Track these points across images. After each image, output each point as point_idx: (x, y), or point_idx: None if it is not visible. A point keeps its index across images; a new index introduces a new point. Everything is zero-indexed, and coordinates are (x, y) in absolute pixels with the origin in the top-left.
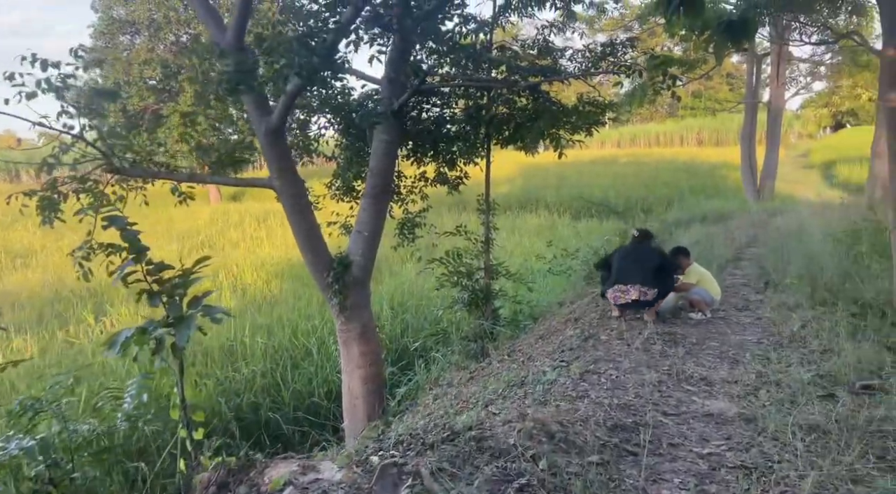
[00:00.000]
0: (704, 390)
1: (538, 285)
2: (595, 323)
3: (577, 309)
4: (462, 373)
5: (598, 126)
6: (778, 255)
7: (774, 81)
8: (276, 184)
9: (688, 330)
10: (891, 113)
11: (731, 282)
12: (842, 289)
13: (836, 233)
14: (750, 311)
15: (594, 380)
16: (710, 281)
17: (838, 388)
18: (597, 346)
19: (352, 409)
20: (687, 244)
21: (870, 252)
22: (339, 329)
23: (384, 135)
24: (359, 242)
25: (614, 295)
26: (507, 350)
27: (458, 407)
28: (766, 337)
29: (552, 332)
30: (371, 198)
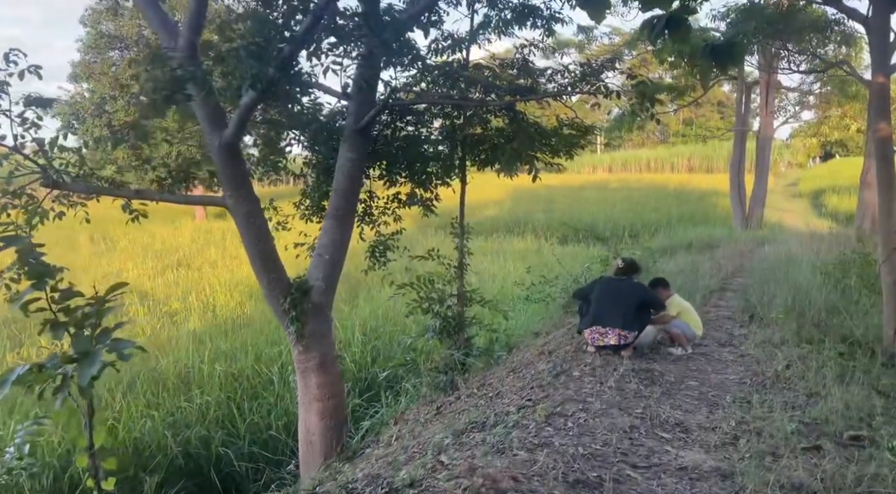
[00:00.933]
0: (679, 438)
1: (515, 313)
2: (569, 358)
3: (552, 340)
4: (429, 408)
5: (578, 149)
6: (764, 287)
7: (763, 110)
8: (230, 202)
9: (666, 366)
10: (880, 142)
11: (714, 315)
12: (830, 325)
13: (825, 264)
14: (733, 347)
15: (560, 424)
16: (691, 314)
17: (825, 439)
18: (568, 384)
19: (308, 446)
20: (671, 272)
21: (858, 285)
22: (296, 358)
23: (350, 153)
24: (319, 266)
25: (592, 337)
26: (477, 383)
27: (412, 451)
28: (749, 377)
29: (525, 365)
30: (334, 219)
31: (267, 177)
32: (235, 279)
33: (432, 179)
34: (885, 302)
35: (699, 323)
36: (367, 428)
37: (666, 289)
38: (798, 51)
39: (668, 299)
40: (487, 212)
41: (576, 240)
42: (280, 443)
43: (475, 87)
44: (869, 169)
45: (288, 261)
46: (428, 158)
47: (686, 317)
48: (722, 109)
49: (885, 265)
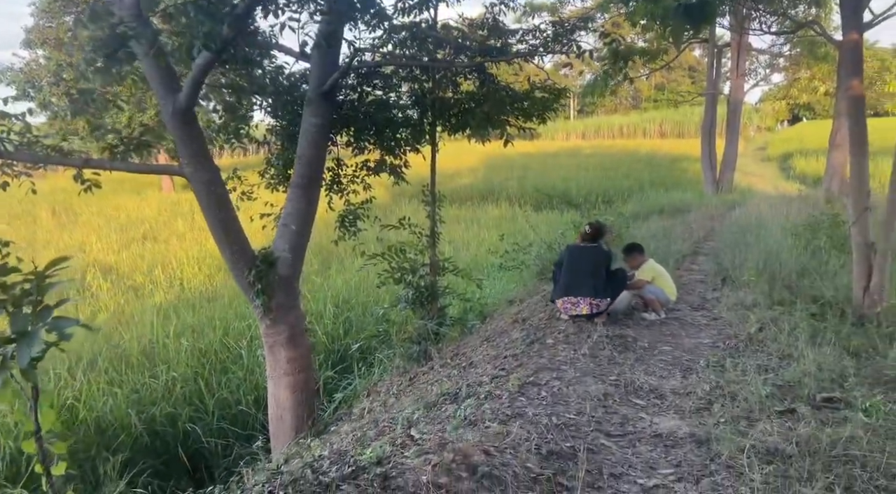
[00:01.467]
0: (654, 404)
1: (489, 281)
2: (542, 325)
3: (526, 308)
4: (402, 379)
5: (551, 112)
6: (736, 250)
7: (734, 72)
8: (188, 170)
9: (640, 332)
10: (853, 101)
11: (687, 279)
12: (800, 287)
13: (795, 226)
14: (706, 310)
15: (533, 394)
16: (665, 279)
17: (798, 402)
18: (542, 352)
19: (278, 421)
20: (644, 237)
21: (828, 246)
22: (263, 332)
23: (313, 118)
24: (285, 237)
25: (564, 307)
26: (450, 353)
27: (382, 425)
28: (723, 341)
29: (499, 334)
30: (299, 188)
31: (229, 146)
32: (203, 251)
33: (402, 146)
34: (855, 263)
35: (673, 288)
36: (339, 401)
37: (641, 255)
38: (769, 11)
39: (642, 264)
40: (461, 180)
41: (550, 207)
42: (250, 418)
43: (444, 49)
44: (838, 130)
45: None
46: (397, 124)
47: (660, 282)
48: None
49: (856, 226)
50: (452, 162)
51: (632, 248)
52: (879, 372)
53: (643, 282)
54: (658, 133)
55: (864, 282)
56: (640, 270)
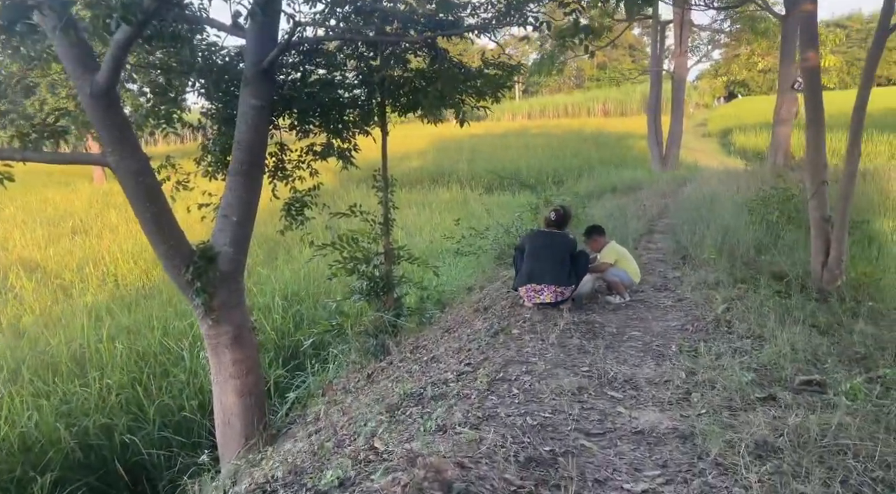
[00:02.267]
0: (630, 396)
1: (446, 267)
2: (506, 314)
3: (487, 295)
4: (359, 375)
5: (505, 90)
6: (692, 227)
7: (678, 48)
8: (111, 159)
9: (607, 317)
10: (809, 73)
11: (647, 258)
12: (760, 263)
13: (747, 201)
14: (670, 291)
15: (504, 391)
16: (628, 261)
17: (777, 387)
18: (508, 343)
19: (226, 427)
20: (601, 218)
21: (781, 220)
22: (206, 334)
23: (252, 99)
24: (226, 229)
25: (527, 295)
26: (410, 345)
27: (341, 433)
28: (691, 323)
29: (460, 324)
30: (239, 175)
31: (160, 132)
32: (139, 245)
33: (349, 128)
34: (813, 237)
35: (637, 269)
36: (292, 401)
37: (602, 236)
38: None
39: (604, 246)
40: (411, 164)
41: (501, 188)
42: (195, 425)
43: (392, 23)
44: (782, 105)
45: (192, 225)
46: (344, 105)
47: (624, 264)
48: (633, 52)
49: (814, 200)
50: (401, 145)
51: (592, 230)
52: (850, 350)
53: (606, 266)
54: (602, 111)
55: (823, 257)
56: (602, 252)
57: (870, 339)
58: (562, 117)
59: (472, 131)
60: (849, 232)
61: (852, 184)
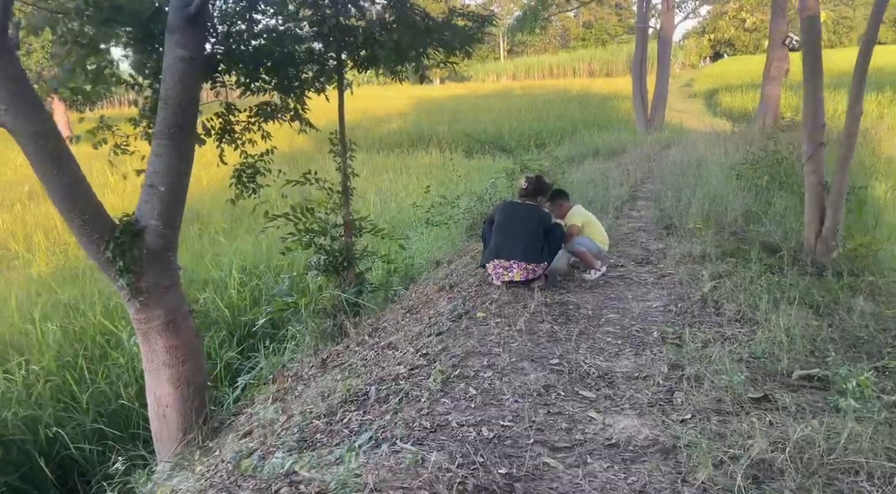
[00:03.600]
0: (605, 396)
1: (416, 237)
2: (472, 293)
3: (454, 271)
4: (314, 359)
5: (477, 44)
6: (677, 193)
7: (665, 5)
8: (5, 118)
9: (582, 296)
10: (808, 22)
11: (628, 228)
12: (749, 233)
13: (735, 165)
14: (651, 265)
15: (460, 392)
16: (594, 226)
17: (773, 383)
18: (471, 329)
19: (161, 421)
20: (581, 183)
21: (770, 186)
22: (134, 318)
23: (179, 49)
24: (153, 200)
25: (495, 272)
26: (369, 327)
27: (269, 443)
28: (674, 303)
29: (424, 303)
30: (166, 138)
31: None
32: None
33: (304, 86)
34: (807, 204)
35: (604, 235)
36: (242, 387)
37: (566, 201)
38: None
39: (568, 210)
40: (391, 126)
41: (482, 152)
42: (133, 414)
43: None
44: (772, 62)
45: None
46: (298, 60)
47: (589, 230)
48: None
49: (810, 163)
50: (381, 106)
51: (556, 195)
52: (851, 334)
53: (575, 228)
54: (587, 72)
55: (817, 226)
56: (567, 216)
57: (870, 319)
58: (546, 78)
59: (454, 92)
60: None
61: (852, 145)
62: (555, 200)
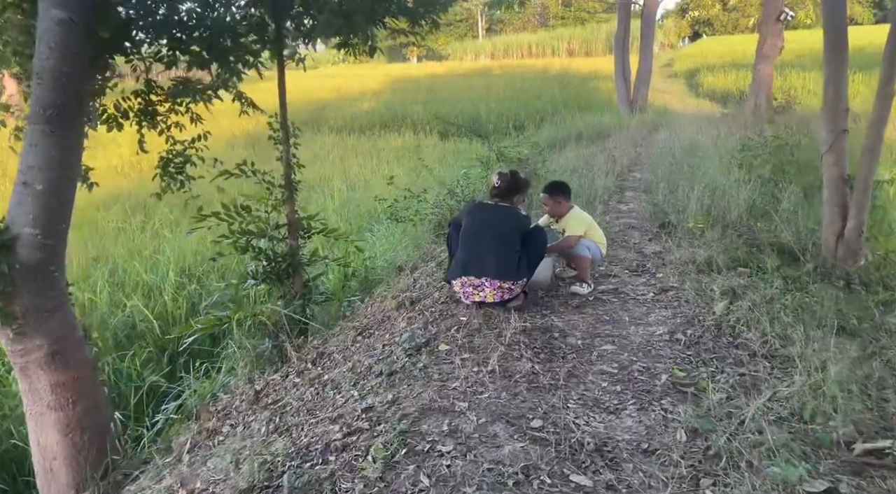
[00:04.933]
0: (605, 484)
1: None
2: (437, 313)
3: (418, 280)
4: (248, 390)
5: (442, 10)
6: (671, 184)
7: None
8: None
9: (570, 319)
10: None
11: (617, 225)
12: (757, 234)
13: (732, 153)
14: (649, 274)
15: (407, 483)
16: (596, 230)
17: (829, 461)
18: (430, 369)
19: (47, 476)
20: (564, 172)
21: (774, 176)
22: (8, 351)
23: (55, 10)
24: (28, 202)
25: (463, 291)
26: (314, 351)
27: None
28: (682, 328)
29: (380, 322)
30: (43, 123)
31: None
32: None
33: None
34: (827, 201)
35: (604, 240)
36: (161, 424)
37: (566, 199)
38: None
39: (568, 212)
40: (363, 106)
41: (458, 134)
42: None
43: None
44: (766, 39)
45: None
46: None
47: (593, 235)
48: None
49: (831, 153)
50: (355, 85)
51: (556, 188)
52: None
53: (574, 239)
54: (567, 51)
55: (838, 226)
56: (566, 221)
57: None
58: (525, 57)
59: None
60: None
61: (881, 132)
62: (553, 195)
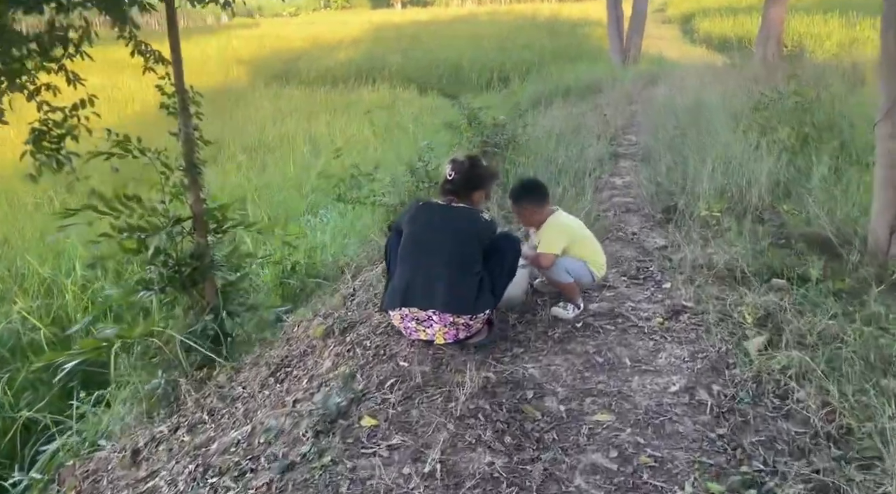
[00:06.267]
0: None
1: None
2: (371, 353)
3: (358, 292)
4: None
5: None
6: (673, 152)
7: None
8: None
9: (549, 365)
10: None
11: (610, 205)
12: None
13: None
14: (654, 283)
15: None
16: (586, 243)
17: None
18: (339, 467)
19: None
20: (547, 139)
21: (798, 143)
22: None
23: None
24: None
25: (405, 326)
26: (215, 393)
27: None
28: (706, 383)
29: (301, 357)
30: None
31: None
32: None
33: None
34: (878, 182)
35: (600, 257)
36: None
37: (543, 203)
38: None
39: (548, 217)
40: (338, 56)
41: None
42: None
43: None
44: None
45: None
46: None
47: (580, 250)
48: None
49: (886, 122)
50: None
51: (525, 193)
52: None
53: (549, 259)
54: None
55: (891, 215)
56: (543, 232)
57: None
58: (514, 2)
59: (416, 18)
60: None
61: None
62: (521, 201)
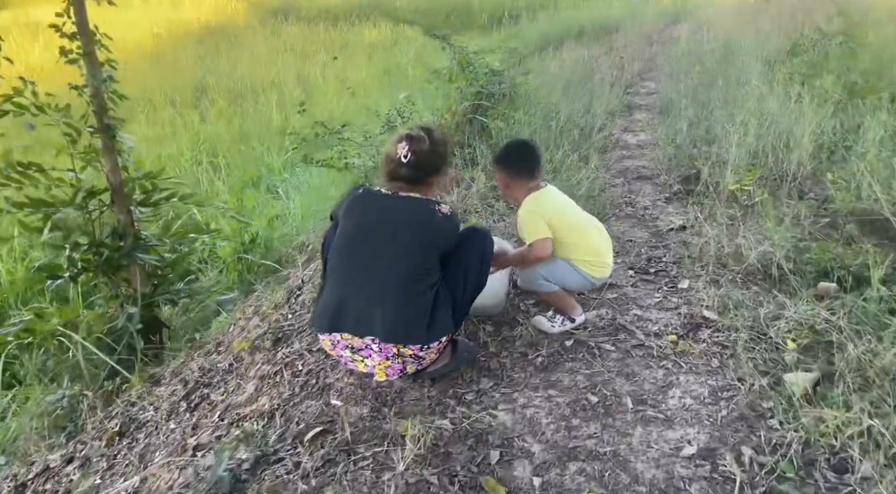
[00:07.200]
0: None
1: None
2: (302, 380)
3: (305, 289)
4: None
5: None
6: (697, 106)
7: None
8: None
9: (525, 405)
10: None
11: (621, 171)
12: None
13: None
14: (667, 280)
15: None
16: (580, 235)
17: None
18: None
19: None
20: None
21: (844, 99)
22: None
23: None
24: None
25: (339, 354)
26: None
27: None
28: (734, 443)
29: (223, 375)
30: None
31: None
32: None
33: None
34: None
35: (595, 254)
36: None
37: (527, 175)
38: None
39: (532, 193)
40: None
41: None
42: None
43: None
44: None
45: None
46: None
47: (568, 250)
48: None
49: None
50: None
51: (504, 156)
52: None
53: (545, 245)
54: None
55: None
56: (519, 215)
57: None
58: None
59: None
60: None
61: None
62: (508, 164)
